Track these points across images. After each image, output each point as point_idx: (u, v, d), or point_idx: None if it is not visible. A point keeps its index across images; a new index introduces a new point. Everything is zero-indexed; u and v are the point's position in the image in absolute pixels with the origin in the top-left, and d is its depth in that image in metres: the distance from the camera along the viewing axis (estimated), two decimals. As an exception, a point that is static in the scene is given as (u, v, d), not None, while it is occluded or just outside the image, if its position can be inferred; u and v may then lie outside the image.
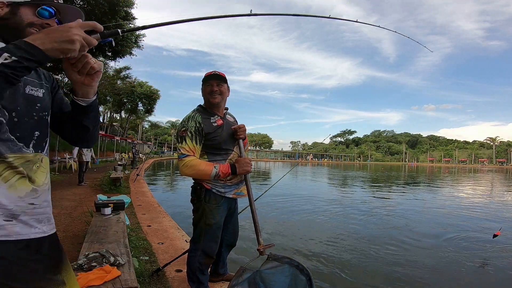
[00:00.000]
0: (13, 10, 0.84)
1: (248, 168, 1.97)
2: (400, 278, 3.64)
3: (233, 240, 2.32)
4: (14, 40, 0.75)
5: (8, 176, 0.79)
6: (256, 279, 1.42)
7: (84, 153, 9.83)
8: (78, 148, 9.98)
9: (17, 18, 0.84)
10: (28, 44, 0.69)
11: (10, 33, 0.84)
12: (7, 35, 0.85)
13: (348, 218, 7.00)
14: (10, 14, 0.84)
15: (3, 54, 0.65)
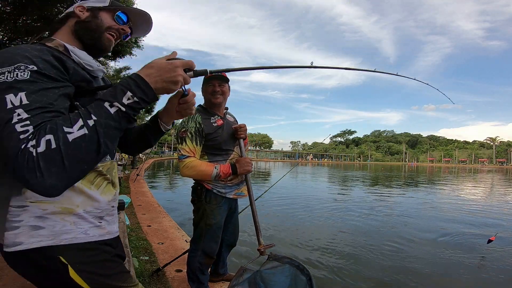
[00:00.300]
0: (94, 14, 0.90)
1: (249, 167, 1.96)
2: (400, 277, 3.64)
3: (233, 240, 2.32)
4: (91, 39, 0.88)
5: (99, 183, 0.87)
6: (257, 279, 1.42)
7: None
8: None
9: (98, 21, 0.89)
10: (146, 84, 0.72)
11: (89, 36, 0.89)
12: (86, 37, 0.89)
13: (348, 218, 7.00)
14: (91, 17, 0.89)
15: (127, 93, 0.69)
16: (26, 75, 0.66)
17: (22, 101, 0.63)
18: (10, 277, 2.69)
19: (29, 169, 0.59)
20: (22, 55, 0.68)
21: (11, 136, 0.60)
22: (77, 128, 0.63)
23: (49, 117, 0.65)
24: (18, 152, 0.59)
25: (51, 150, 0.61)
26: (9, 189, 0.75)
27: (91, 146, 0.64)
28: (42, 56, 0.71)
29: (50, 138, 0.61)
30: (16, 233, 0.74)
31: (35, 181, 0.60)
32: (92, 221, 0.84)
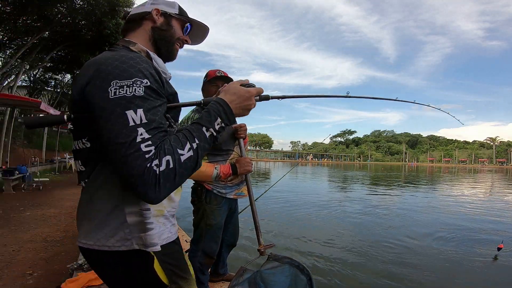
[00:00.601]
0: (167, 21, 0.93)
1: (249, 167, 1.96)
2: (399, 277, 3.64)
3: (233, 241, 2.32)
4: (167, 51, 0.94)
5: None
6: (257, 279, 1.42)
7: None
8: None
9: (172, 31, 0.94)
10: (231, 111, 0.82)
11: (166, 46, 0.94)
12: (163, 46, 0.93)
13: (348, 218, 7.00)
14: (166, 25, 0.93)
15: (218, 119, 0.79)
16: (141, 91, 0.70)
17: (142, 120, 0.68)
18: (10, 277, 2.69)
19: (151, 184, 0.66)
20: (135, 67, 0.72)
21: (138, 155, 0.66)
22: (187, 151, 0.72)
23: (162, 137, 0.72)
24: (144, 170, 0.65)
25: (170, 169, 0.68)
26: (122, 196, 0.79)
27: (193, 164, 0.74)
28: (149, 69, 0.75)
29: (169, 159, 0.69)
30: (152, 234, 0.81)
31: (153, 195, 0.68)
32: (171, 221, 0.93)
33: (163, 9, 0.93)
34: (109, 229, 0.79)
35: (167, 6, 0.94)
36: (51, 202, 6.43)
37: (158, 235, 0.84)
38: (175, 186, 0.71)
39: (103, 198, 0.80)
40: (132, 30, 0.92)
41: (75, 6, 12.75)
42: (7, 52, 16.18)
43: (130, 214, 0.79)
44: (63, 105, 27.30)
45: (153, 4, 0.93)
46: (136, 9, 0.94)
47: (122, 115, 0.67)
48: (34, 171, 9.59)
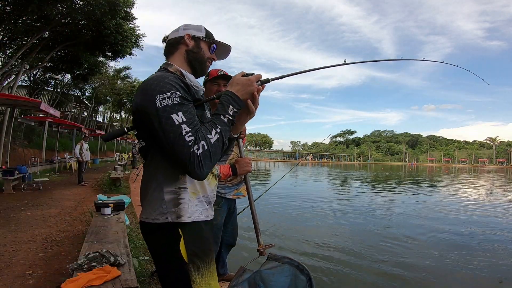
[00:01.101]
0: (197, 44, 1.17)
1: (248, 168, 1.96)
2: (398, 277, 3.64)
3: (232, 240, 2.33)
4: (201, 69, 1.18)
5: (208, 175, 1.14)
6: (256, 279, 1.42)
7: (84, 152, 9.76)
8: (79, 147, 9.89)
9: (202, 53, 1.17)
10: (238, 98, 1.04)
11: (199, 65, 1.18)
12: (197, 66, 1.17)
13: (348, 218, 7.00)
14: (196, 48, 1.16)
15: (230, 106, 1.02)
16: (177, 99, 0.96)
17: (183, 119, 0.94)
18: (10, 277, 2.69)
19: (196, 165, 0.92)
20: (170, 83, 0.98)
21: (184, 143, 0.92)
22: (214, 134, 0.97)
23: (197, 127, 0.97)
24: (190, 154, 0.92)
25: (205, 150, 0.94)
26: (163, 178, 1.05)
27: (221, 144, 0.99)
28: (180, 83, 1.01)
29: (204, 143, 0.94)
30: (183, 208, 1.05)
31: (199, 171, 0.93)
32: (204, 205, 1.13)
33: (193, 34, 1.16)
34: (153, 205, 1.05)
35: (196, 30, 1.17)
36: (51, 202, 6.43)
37: (189, 212, 1.06)
38: (212, 162, 0.97)
39: (150, 181, 1.07)
40: (171, 53, 1.17)
41: (75, 6, 12.74)
42: (7, 52, 16.18)
43: (167, 193, 1.04)
44: (63, 105, 27.33)
45: (185, 29, 1.16)
46: (172, 34, 1.18)
47: (169, 118, 0.93)
48: (34, 171, 9.58)
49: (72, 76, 21.58)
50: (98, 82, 28.02)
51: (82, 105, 32.61)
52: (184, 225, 1.05)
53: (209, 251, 1.12)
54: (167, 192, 1.04)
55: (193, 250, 1.05)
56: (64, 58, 17.95)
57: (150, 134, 1.00)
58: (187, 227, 1.06)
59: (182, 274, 1.04)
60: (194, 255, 1.05)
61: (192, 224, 1.07)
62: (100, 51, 16.57)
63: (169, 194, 1.04)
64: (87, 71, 20.04)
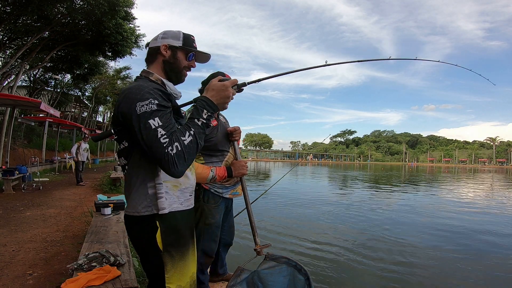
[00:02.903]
0: (173, 54, 1.23)
1: (244, 171, 1.97)
2: (398, 277, 3.65)
3: (230, 240, 2.34)
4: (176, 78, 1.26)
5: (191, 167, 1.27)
6: (254, 279, 1.43)
7: (80, 152, 9.72)
8: (76, 146, 9.88)
9: (178, 63, 1.24)
10: (212, 102, 1.13)
11: (175, 75, 1.25)
12: (172, 75, 1.25)
13: (347, 218, 7.01)
14: (173, 58, 1.23)
15: (204, 111, 1.11)
16: (155, 106, 1.05)
17: (159, 123, 1.03)
18: (10, 277, 2.70)
19: (171, 164, 1.02)
20: (149, 92, 1.07)
21: (159, 145, 1.01)
22: (187, 136, 1.06)
23: (172, 131, 1.05)
24: (164, 154, 1.01)
25: (179, 151, 1.03)
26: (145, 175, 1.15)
27: (195, 145, 1.07)
28: (158, 92, 1.10)
29: (177, 144, 1.03)
30: (162, 201, 1.15)
31: (174, 170, 1.03)
32: (185, 195, 1.25)
33: (170, 43, 1.21)
34: (138, 199, 1.16)
35: (173, 38, 1.22)
36: (51, 202, 6.44)
37: (166, 204, 1.16)
38: (187, 162, 1.06)
39: (134, 178, 1.17)
40: (150, 62, 1.25)
41: (75, 6, 12.74)
42: (7, 52, 16.19)
43: (150, 187, 1.15)
44: (63, 105, 27.33)
45: (163, 38, 1.23)
46: (152, 42, 1.25)
47: (147, 123, 1.02)
48: (34, 171, 9.59)
49: (72, 76, 21.58)
50: (98, 82, 28.03)
51: (82, 105, 32.61)
52: (161, 217, 1.15)
53: (184, 242, 1.22)
54: (150, 187, 1.15)
55: (168, 240, 1.16)
56: (64, 58, 17.95)
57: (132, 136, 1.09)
58: (164, 219, 1.16)
59: (158, 261, 1.16)
60: (169, 245, 1.16)
61: (169, 215, 1.17)
62: (100, 51, 16.58)
63: (151, 188, 1.15)
64: (87, 71, 20.05)
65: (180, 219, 1.21)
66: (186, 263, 1.21)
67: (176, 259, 1.18)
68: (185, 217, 1.24)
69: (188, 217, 1.27)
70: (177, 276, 1.18)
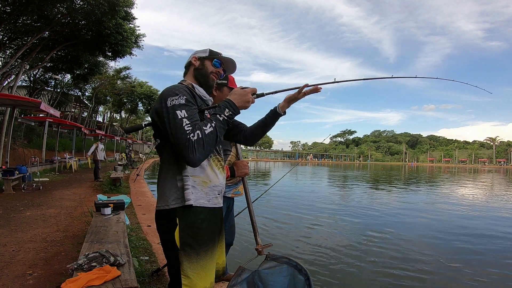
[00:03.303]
0: (202, 62, 1.41)
1: (246, 170, 1.98)
2: (397, 277, 3.65)
3: (230, 239, 2.34)
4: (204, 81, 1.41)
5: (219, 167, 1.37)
6: (255, 279, 1.43)
7: (98, 152, 10.68)
8: (95, 147, 10.84)
9: (206, 68, 1.41)
10: (234, 104, 1.25)
11: (203, 79, 1.40)
12: (201, 79, 1.40)
13: (347, 217, 7.01)
14: (201, 65, 1.41)
15: (226, 109, 1.22)
16: (183, 101, 1.19)
17: (185, 115, 1.16)
18: (10, 277, 2.70)
19: (190, 149, 1.11)
20: (179, 89, 1.23)
21: (183, 131, 1.13)
22: (208, 127, 1.17)
23: (196, 122, 1.17)
24: (186, 140, 1.12)
25: (199, 138, 1.13)
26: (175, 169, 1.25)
27: (214, 136, 1.17)
28: (187, 91, 1.27)
29: (199, 132, 1.14)
30: (188, 192, 1.23)
31: (193, 156, 1.12)
32: (215, 194, 1.32)
33: (199, 55, 1.42)
34: (169, 192, 1.25)
35: (201, 52, 1.43)
36: (51, 202, 6.44)
37: (194, 197, 1.23)
38: (205, 150, 1.15)
39: (166, 172, 1.28)
40: (185, 73, 1.45)
41: (75, 6, 12.73)
42: (7, 52, 16.18)
43: (179, 180, 1.24)
44: (63, 105, 27.31)
45: (194, 54, 1.44)
46: (187, 60, 1.46)
47: (175, 113, 1.15)
48: (34, 171, 9.59)
49: (72, 76, 21.57)
50: (98, 82, 28.03)
51: (82, 105, 32.61)
52: (183, 213, 1.22)
53: (204, 241, 1.24)
54: (179, 180, 1.24)
55: (186, 239, 1.21)
56: (64, 58, 17.95)
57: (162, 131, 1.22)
58: (185, 215, 1.22)
59: (175, 260, 1.21)
60: (186, 244, 1.20)
61: (191, 212, 1.23)
62: (100, 51, 16.57)
63: (180, 181, 1.24)
64: (87, 71, 20.05)
65: (203, 218, 1.25)
66: (204, 264, 1.22)
67: (194, 260, 1.20)
68: (209, 216, 1.28)
69: (213, 216, 1.31)
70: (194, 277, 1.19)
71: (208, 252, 1.25)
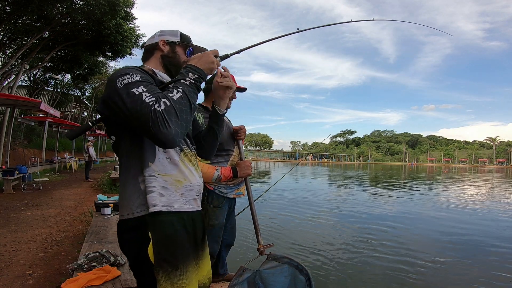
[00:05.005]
0: (172, 49, 1.20)
1: (249, 171, 1.97)
2: (398, 277, 3.64)
3: (231, 240, 2.33)
4: (175, 71, 1.17)
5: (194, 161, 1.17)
6: (256, 279, 1.43)
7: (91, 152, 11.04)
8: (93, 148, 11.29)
9: (177, 57, 1.20)
10: (197, 67, 1.04)
11: (174, 69, 1.20)
12: (172, 69, 1.20)
13: (348, 218, 7.00)
14: (172, 52, 1.20)
15: (190, 73, 1.02)
16: (138, 78, 0.97)
17: (143, 90, 0.93)
18: (10, 277, 2.69)
19: (160, 122, 0.87)
20: (130, 69, 1.00)
21: (144, 105, 0.89)
22: (176, 93, 0.95)
23: (158, 93, 0.94)
24: (150, 113, 0.87)
25: (168, 106, 0.90)
26: (135, 167, 1.03)
27: (186, 101, 0.95)
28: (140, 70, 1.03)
29: (165, 100, 0.91)
30: (152, 196, 1.00)
31: (165, 130, 0.88)
32: (192, 195, 1.11)
33: (168, 39, 1.19)
34: (131, 198, 1.03)
35: (171, 35, 1.20)
36: (51, 202, 6.43)
37: (166, 201, 1.02)
38: (180, 120, 0.92)
39: (125, 173, 1.05)
40: (146, 58, 1.20)
41: (75, 6, 12.73)
42: (7, 52, 16.18)
43: (141, 182, 1.02)
44: (63, 105, 27.32)
45: (160, 35, 1.20)
46: (149, 40, 1.22)
47: (130, 92, 0.93)
48: (34, 171, 9.59)
49: (72, 76, 21.58)
50: (98, 82, 28.02)
51: (82, 105, 32.61)
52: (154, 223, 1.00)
53: (184, 256, 1.04)
54: (141, 181, 1.02)
55: (162, 254, 1.00)
56: (64, 58, 17.95)
57: (117, 123, 1.02)
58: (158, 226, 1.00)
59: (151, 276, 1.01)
60: (163, 260, 1.00)
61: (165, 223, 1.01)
62: (100, 51, 16.58)
63: (143, 183, 1.02)
64: (87, 71, 20.06)
65: (180, 225, 1.04)
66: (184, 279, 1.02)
67: (173, 276, 1.01)
68: (187, 222, 1.07)
69: (192, 222, 1.10)
70: None
71: (190, 266, 1.05)
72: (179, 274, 1.01)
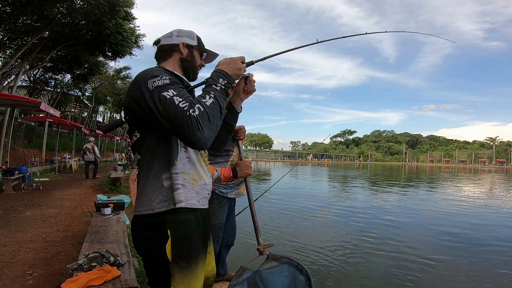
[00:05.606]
0: (191, 53, 1.24)
1: (248, 171, 1.97)
2: (398, 278, 3.64)
3: (231, 240, 2.33)
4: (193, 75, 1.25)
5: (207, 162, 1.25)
6: (256, 279, 1.43)
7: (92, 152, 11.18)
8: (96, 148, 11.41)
9: (195, 61, 1.25)
10: (226, 72, 1.11)
11: (192, 72, 1.25)
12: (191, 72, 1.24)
13: (348, 218, 7.00)
14: (190, 56, 1.23)
15: (220, 78, 1.08)
16: (167, 81, 1.01)
17: (174, 93, 0.98)
18: (10, 277, 2.69)
19: (195, 127, 0.93)
20: (159, 71, 1.05)
21: (179, 110, 0.94)
22: (208, 99, 1.00)
23: (190, 98, 0.99)
24: (186, 118, 0.93)
25: (202, 111, 0.95)
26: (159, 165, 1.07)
27: (217, 107, 1.01)
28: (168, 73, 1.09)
29: (199, 106, 0.96)
30: (179, 193, 1.06)
31: (201, 134, 0.94)
32: (205, 193, 1.18)
33: (187, 42, 1.22)
34: (152, 194, 1.06)
35: (189, 38, 1.24)
36: (51, 202, 6.43)
37: (185, 197, 1.08)
38: (212, 124, 0.97)
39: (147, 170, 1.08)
40: (164, 59, 1.22)
41: (75, 6, 12.73)
42: (7, 52, 16.18)
43: (165, 179, 1.06)
44: (63, 105, 27.31)
45: (179, 36, 1.22)
46: (165, 39, 1.23)
47: (161, 95, 0.97)
48: (34, 171, 9.58)
49: (72, 76, 21.56)
50: (98, 82, 28.04)
51: (82, 105, 32.61)
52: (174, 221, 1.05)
53: (196, 253, 1.10)
54: (165, 179, 1.06)
55: (179, 251, 1.05)
56: (64, 58, 17.94)
57: (145, 122, 1.04)
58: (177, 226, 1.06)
59: (164, 272, 1.05)
60: (179, 257, 1.05)
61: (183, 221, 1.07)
62: (100, 51, 16.56)
63: (167, 180, 1.06)
64: (87, 71, 20.04)
65: (195, 223, 1.11)
66: (195, 275, 1.09)
67: (186, 272, 1.06)
68: (200, 220, 1.14)
69: (203, 220, 1.17)
70: None
71: (200, 262, 1.11)
72: (191, 269, 1.07)
